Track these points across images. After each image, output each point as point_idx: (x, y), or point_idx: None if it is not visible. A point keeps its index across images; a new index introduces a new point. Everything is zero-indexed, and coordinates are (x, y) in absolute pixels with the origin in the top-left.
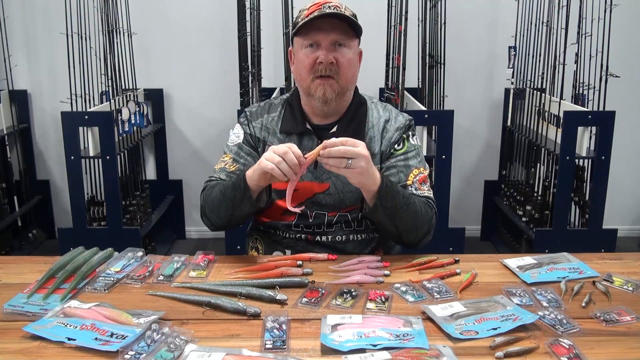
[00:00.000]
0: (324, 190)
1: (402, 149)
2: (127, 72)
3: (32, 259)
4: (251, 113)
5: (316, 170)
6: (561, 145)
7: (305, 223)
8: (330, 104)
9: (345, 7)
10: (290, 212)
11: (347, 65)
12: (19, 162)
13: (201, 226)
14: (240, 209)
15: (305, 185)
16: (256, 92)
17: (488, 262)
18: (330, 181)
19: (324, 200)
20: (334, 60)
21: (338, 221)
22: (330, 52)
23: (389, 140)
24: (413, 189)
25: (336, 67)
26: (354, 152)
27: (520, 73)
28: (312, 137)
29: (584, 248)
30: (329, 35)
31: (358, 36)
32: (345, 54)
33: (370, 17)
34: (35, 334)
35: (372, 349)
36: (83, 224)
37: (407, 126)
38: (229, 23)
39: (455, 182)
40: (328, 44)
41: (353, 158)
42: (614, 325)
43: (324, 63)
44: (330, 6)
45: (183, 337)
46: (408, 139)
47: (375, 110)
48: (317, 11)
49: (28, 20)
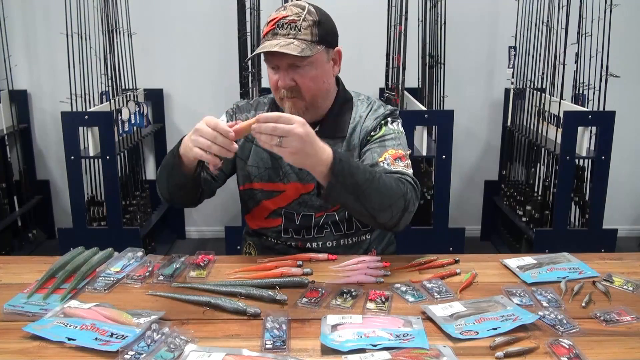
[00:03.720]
0: (310, 191)
1: (379, 133)
2: (127, 72)
3: (32, 259)
4: (238, 107)
5: (301, 172)
6: (561, 145)
7: (293, 227)
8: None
9: (305, 15)
10: (275, 215)
11: (309, 84)
12: (19, 162)
13: (201, 226)
14: (174, 177)
15: (290, 187)
16: (256, 92)
17: (488, 262)
18: (315, 182)
19: (310, 200)
20: (294, 82)
21: (326, 222)
22: (290, 73)
23: (366, 129)
24: (385, 165)
25: (297, 87)
26: (284, 130)
27: (520, 73)
28: None
29: (584, 248)
30: (283, 59)
31: (326, 45)
32: (305, 73)
33: (370, 17)
34: (35, 334)
35: (372, 349)
36: (83, 224)
37: (385, 115)
38: (229, 23)
39: (455, 182)
40: (285, 66)
41: (284, 136)
42: (614, 325)
43: (282, 87)
44: (283, 24)
45: (183, 337)
46: (386, 124)
47: (361, 106)
48: (270, 32)
49: (28, 20)
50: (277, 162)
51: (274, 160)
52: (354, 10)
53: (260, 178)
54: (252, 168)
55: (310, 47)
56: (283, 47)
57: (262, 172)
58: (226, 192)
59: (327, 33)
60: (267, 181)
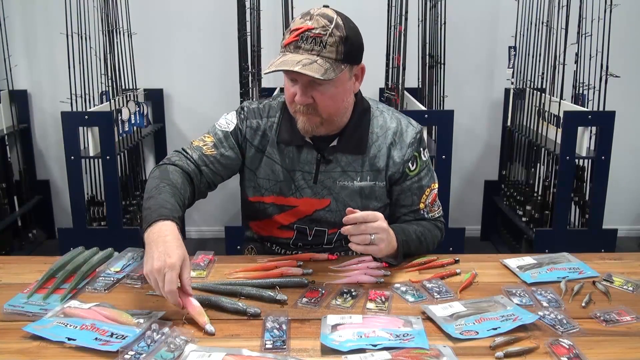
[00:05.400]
0: (325, 207)
1: (416, 169)
2: (127, 72)
3: (32, 259)
4: (249, 110)
5: (315, 186)
6: (561, 145)
7: (304, 241)
8: (313, 133)
9: (332, 29)
10: (288, 228)
11: (327, 102)
12: (19, 162)
13: (201, 226)
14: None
15: (305, 202)
16: (256, 92)
17: (488, 262)
18: (331, 197)
19: (325, 217)
20: (312, 99)
21: (338, 239)
22: (309, 90)
23: (401, 159)
24: (425, 214)
25: (315, 104)
26: (374, 227)
27: (520, 73)
28: (312, 151)
29: (584, 248)
30: (303, 75)
31: (351, 62)
32: (325, 91)
33: (370, 17)
34: (35, 334)
35: (372, 349)
36: (83, 224)
37: (418, 140)
38: (229, 23)
39: (455, 182)
40: (305, 82)
41: (376, 234)
42: (614, 325)
43: (299, 103)
44: (308, 37)
45: (183, 337)
46: (420, 156)
47: (381, 118)
48: (292, 44)
49: (28, 20)
50: (289, 176)
51: (286, 173)
52: (354, 10)
53: (271, 192)
54: (263, 181)
55: (334, 66)
56: (306, 67)
57: (274, 186)
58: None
59: (352, 50)
60: (278, 195)
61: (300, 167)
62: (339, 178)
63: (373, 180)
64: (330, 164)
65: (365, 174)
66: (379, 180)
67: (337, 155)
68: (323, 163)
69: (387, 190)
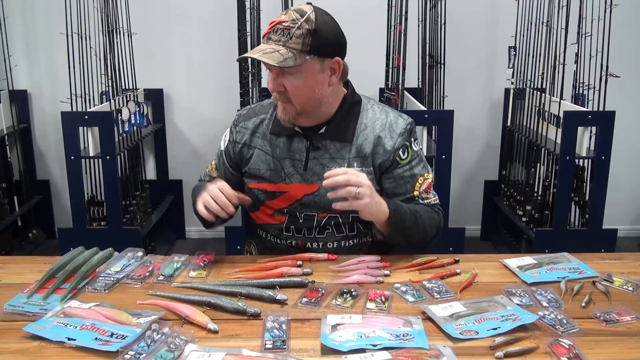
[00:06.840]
0: (314, 192)
1: (407, 158)
2: (127, 72)
3: (32, 259)
4: (240, 116)
5: (305, 172)
6: (561, 145)
7: (295, 225)
8: (293, 122)
9: (301, 22)
10: (279, 213)
11: (295, 92)
12: (19, 162)
13: (201, 226)
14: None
15: (294, 187)
16: (256, 92)
17: (488, 262)
18: (320, 183)
19: (313, 201)
20: (283, 87)
21: (328, 223)
22: (279, 78)
23: (392, 147)
24: (420, 200)
25: (286, 93)
26: (358, 181)
27: (520, 73)
28: (302, 139)
29: (584, 248)
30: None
31: (319, 54)
32: (293, 80)
33: (370, 17)
34: (35, 334)
35: (372, 349)
36: (83, 224)
37: (409, 131)
38: (229, 23)
39: (455, 182)
40: (277, 71)
41: (359, 187)
42: (614, 325)
43: (270, 90)
44: (278, 29)
45: (183, 337)
46: (411, 145)
47: (371, 111)
48: (266, 35)
49: (28, 20)
50: (279, 164)
51: (277, 162)
52: (354, 10)
53: (262, 179)
54: (254, 170)
55: (298, 56)
56: (266, 55)
57: (264, 174)
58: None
59: (321, 43)
60: (268, 182)
61: (290, 155)
62: (327, 164)
63: (360, 166)
64: (319, 151)
65: (352, 160)
66: (365, 167)
67: (326, 142)
68: (312, 150)
69: (376, 178)
